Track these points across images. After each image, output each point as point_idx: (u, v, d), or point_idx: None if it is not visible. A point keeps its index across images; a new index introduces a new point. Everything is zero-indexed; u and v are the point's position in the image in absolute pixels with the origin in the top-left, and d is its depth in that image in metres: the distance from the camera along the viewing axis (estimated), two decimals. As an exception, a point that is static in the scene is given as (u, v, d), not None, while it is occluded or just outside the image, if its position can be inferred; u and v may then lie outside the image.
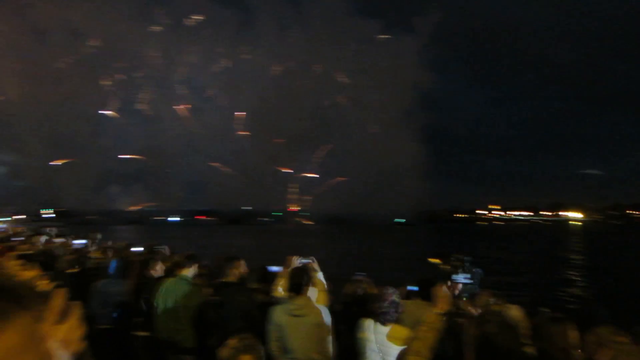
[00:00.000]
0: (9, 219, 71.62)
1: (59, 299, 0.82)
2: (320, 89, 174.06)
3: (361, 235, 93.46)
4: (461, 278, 3.77)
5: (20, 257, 7.19)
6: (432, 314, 3.66)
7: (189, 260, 7.00)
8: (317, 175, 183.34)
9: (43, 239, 14.82)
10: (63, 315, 1.08)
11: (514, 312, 3.52)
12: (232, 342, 3.58)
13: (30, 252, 11.48)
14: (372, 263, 39.06)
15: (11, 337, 0.70)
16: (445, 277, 3.84)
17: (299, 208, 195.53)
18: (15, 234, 17.46)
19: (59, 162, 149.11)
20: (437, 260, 3.97)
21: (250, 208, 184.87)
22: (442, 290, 3.67)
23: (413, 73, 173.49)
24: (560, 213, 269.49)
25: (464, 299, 3.75)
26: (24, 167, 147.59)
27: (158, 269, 8.11)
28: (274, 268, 7.80)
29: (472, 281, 3.79)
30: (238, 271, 6.07)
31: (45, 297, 0.78)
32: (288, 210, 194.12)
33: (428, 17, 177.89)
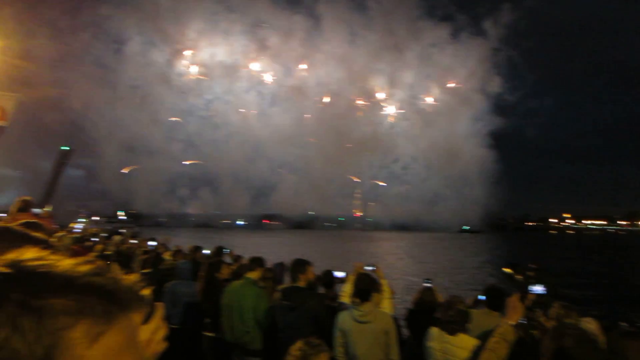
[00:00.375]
0: (85, 220, 74.80)
1: (144, 297, 0.84)
2: (384, 93, 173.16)
3: (427, 242, 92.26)
4: (536, 289, 3.63)
5: (97, 257, 7.49)
6: (505, 325, 3.55)
7: (255, 263, 7.09)
8: (384, 184, 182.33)
9: (118, 240, 15.37)
10: (148, 316, 1.10)
11: (590, 325, 3.36)
12: (300, 345, 3.60)
13: (108, 252, 11.96)
14: (439, 271, 38.44)
15: (114, 338, 0.73)
16: (519, 287, 3.70)
17: (362, 214, 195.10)
18: (92, 235, 18.20)
19: (126, 170, 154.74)
20: (510, 270, 3.84)
21: (313, 214, 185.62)
22: (516, 300, 3.55)
23: (483, 77, 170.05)
24: (637, 222, 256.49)
25: (537, 310, 3.61)
26: (99, 170, 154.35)
27: (224, 272, 8.28)
28: (339, 274, 7.80)
29: (545, 292, 3.65)
30: (307, 276, 6.07)
31: (142, 299, 0.80)
32: (355, 215, 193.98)
33: (498, 20, 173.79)
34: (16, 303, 0.70)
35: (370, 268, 7.69)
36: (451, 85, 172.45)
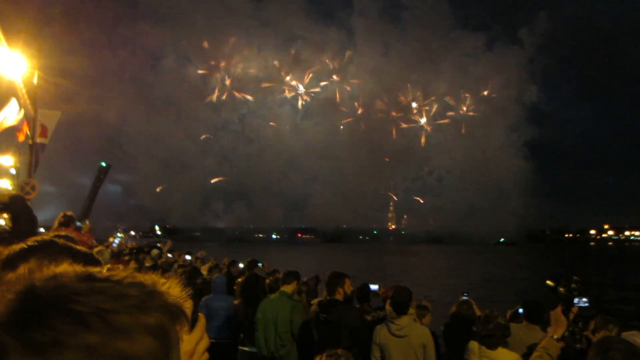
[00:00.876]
0: (122, 235, 76.08)
1: (188, 311, 0.84)
2: (419, 104, 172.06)
3: (463, 255, 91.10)
4: (580, 301, 3.53)
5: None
6: (548, 339, 3.46)
7: (290, 277, 7.08)
8: (421, 200, 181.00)
9: (156, 254, 15.58)
10: (191, 327, 1.10)
11: (637, 339, 3.26)
12: (324, 356, 3.62)
13: (147, 265, 12.11)
14: (476, 284, 37.88)
15: (163, 349, 0.73)
16: (564, 300, 3.60)
17: (395, 226, 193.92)
18: (130, 249, 18.50)
19: (158, 189, 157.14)
20: (552, 283, 3.74)
21: (346, 227, 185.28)
22: (559, 313, 3.46)
23: (519, 86, 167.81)
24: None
25: (581, 324, 3.51)
26: (135, 185, 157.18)
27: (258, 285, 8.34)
28: (373, 286, 7.73)
29: (589, 305, 3.54)
30: (344, 289, 6.03)
31: (186, 311, 0.81)
32: (389, 228, 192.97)
33: (534, 28, 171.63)
34: (128, 305, 0.72)
35: (374, 287, 7.61)
36: (486, 95, 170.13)
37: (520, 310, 5.98)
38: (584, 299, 3.52)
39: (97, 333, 0.68)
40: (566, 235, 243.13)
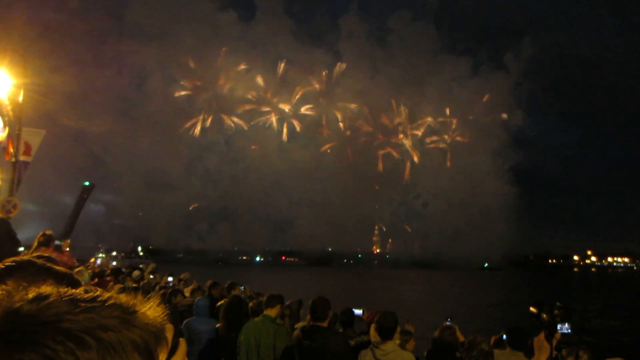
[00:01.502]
0: (103, 255, 75.37)
1: (169, 334, 0.85)
2: (404, 128, 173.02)
3: (448, 279, 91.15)
4: (562, 328, 3.54)
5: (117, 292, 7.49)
6: None
7: (274, 300, 7.03)
8: (407, 227, 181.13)
9: (137, 275, 15.40)
10: (172, 352, 1.10)
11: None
12: None
13: (126, 287, 11.95)
14: (459, 309, 37.85)
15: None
16: (546, 326, 3.61)
17: (380, 250, 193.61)
18: (111, 270, 18.26)
19: (140, 214, 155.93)
20: (535, 310, 3.75)
21: (331, 250, 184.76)
22: (542, 339, 3.46)
23: (504, 111, 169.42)
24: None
25: (563, 350, 3.52)
26: (118, 205, 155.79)
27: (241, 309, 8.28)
28: (358, 311, 7.69)
29: (571, 331, 3.55)
30: (328, 316, 5.99)
31: (169, 334, 0.82)
32: (374, 252, 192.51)
33: (519, 54, 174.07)
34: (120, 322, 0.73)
35: (358, 312, 7.57)
36: (472, 119, 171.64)
37: (504, 337, 5.96)
38: (567, 325, 3.53)
39: (92, 350, 0.68)
40: (550, 261, 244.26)
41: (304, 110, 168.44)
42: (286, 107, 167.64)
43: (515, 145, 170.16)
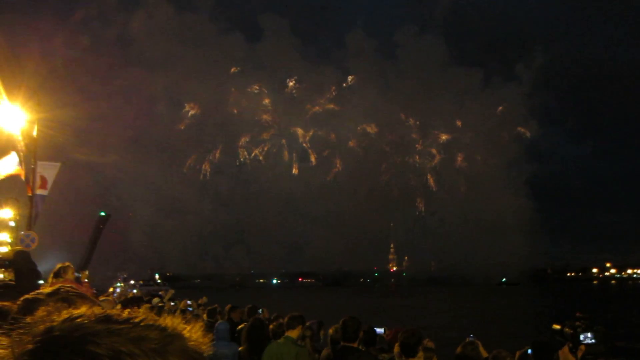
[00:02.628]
0: (121, 284, 75.61)
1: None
2: (417, 143, 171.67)
3: (467, 295, 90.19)
4: (585, 338, 3.52)
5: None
6: None
7: (295, 321, 7.01)
8: (416, 237, 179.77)
9: (157, 302, 15.44)
10: None
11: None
12: None
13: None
14: (480, 325, 37.40)
15: None
16: (569, 339, 3.59)
17: (397, 268, 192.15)
18: (131, 299, 18.32)
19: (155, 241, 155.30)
20: (558, 326, 3.73)
21: (347, 269, 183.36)
22: (567, 352, 3.44)
23: (516, 123, 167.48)
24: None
25: (589, 361, 3.49)
26: (134, 234, 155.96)
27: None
28: (379, 330, 7.67)
29: (595, 341, 3.53)
30: (358, 335, 5.96)
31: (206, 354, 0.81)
32: (390, 270, 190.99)
33: (531, 63, 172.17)
34: (147, 349, 0.71)
35: (380, 330, 7.53)
36: (485, 132, 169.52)
37: (529, 351, 5.90)
38: (589, 335, 3.50)
39: None
40: (568, 274, 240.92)
41: (314, 130, 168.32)
42: (297, 129, 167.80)
43: (530, 157, 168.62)
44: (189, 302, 16.33)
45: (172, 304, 16.74)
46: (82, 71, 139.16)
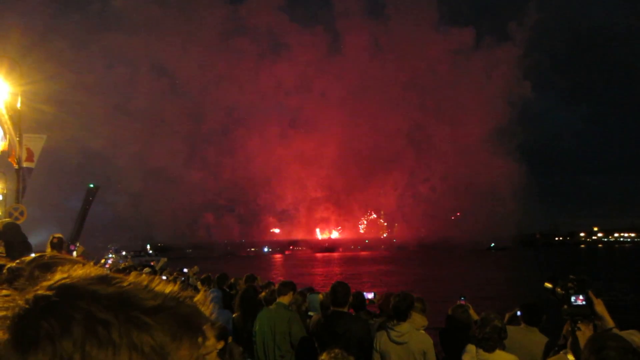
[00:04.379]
0: (113, 255, 75.70)
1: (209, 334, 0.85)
2: (408, 107, 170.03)
3: (457, 260, 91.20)
4: (577, 300, 3.56)
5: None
6: (561, 355, 3.53)
7: (286, 288, 7.08)
8: (407, 203, 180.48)
9: (147, 272, 15.46)
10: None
11: (634, 337, 3.27)
12: (324, 356, 3.68)
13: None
14: (471, 288, 37.94)
15: (181, 356, 0.73)
16: (561, 300, 3.63)
17: (387, 234, 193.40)
18: (123, 269, 18.36)
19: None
20: (550, 285, 3.76)
21: (340, 236, 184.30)
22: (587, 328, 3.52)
23: (508, 85, 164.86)
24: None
25: (579, 321, 3.53)
26: (124, 206, 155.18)
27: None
28: (369, 295, 7.73)
29: (585, 303, 3.57)
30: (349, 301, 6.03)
31: (207, 320, 0.81)
32: (381, 237, 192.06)
33: (524, 21, 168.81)
34: (125, 319, 0.71)
35: (370, 295, 7.59)
36: (477, 94, 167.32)
37: (518, 313, 5.99)
38: (581, 297, 3.54)
39: (73, 341, 0.67)
40: (556, 239, 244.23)
41: (303, 93, 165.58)
42: (284, 93, 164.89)
43: (522, 121, 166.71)
44: (185, 270, 16.42)
45: (164, 278, 16.79)
46: (60, 37, 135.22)
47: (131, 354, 0.69)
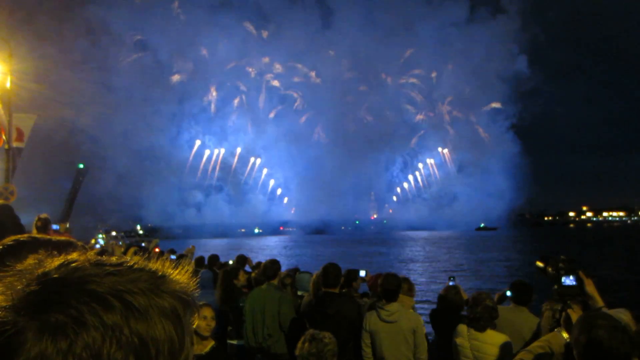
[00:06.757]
0: (103, 236, 75.55)
1: (207, 313, 0.87)
2: (399, 82, 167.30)
3: (447, 240, 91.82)
4: (567, 281, 3.61)
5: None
6: (555, 333, 3.57)
7: (272, 267, 7.11)
8: (397, 184, 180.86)
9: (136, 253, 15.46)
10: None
11: (623, 315, 3.32)
12: (306, 342, 3.75)
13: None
14: (461, 268, 38.26)
15: (178, 334, 0.75)
16: (552, 279, 3.67)
17: (377, 216, 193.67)
18: (114, 250, 18.34)
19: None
20: (542, 264, 3.80)
21: (328, 218, 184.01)
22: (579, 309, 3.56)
23: (505, 59, 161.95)
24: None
25: (569, 302, 3.58)
26: (113, 186, 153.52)
27: (242, 279, 8.42)
28: (361, 272, 7.77)
29: (575, 283, 3.62)
30: (340, 282, 6.08)
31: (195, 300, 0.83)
32: (371, 218, 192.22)
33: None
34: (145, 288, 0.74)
35: (362, 273, 7.63)
36: (471, 70, 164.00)
37: (508, 293, 6.05)
38: (571, 277, 3.58)
39: (117, 313, 0.69)
40: (545, 218, 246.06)
41: (295, 69, 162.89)
42: (274, 71, 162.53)
43: (516, 98, 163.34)
44: (172, 257, 16.35)
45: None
46: (46, 13, 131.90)
47: (160, 319, 0.72)
